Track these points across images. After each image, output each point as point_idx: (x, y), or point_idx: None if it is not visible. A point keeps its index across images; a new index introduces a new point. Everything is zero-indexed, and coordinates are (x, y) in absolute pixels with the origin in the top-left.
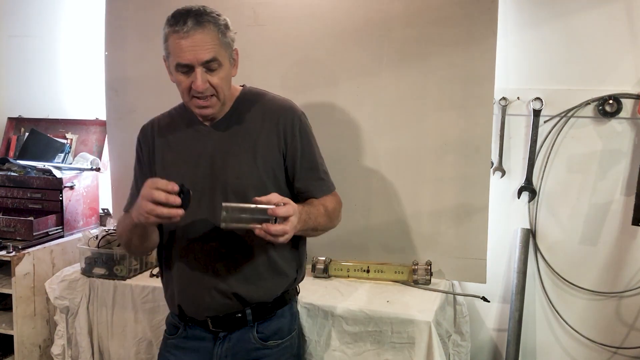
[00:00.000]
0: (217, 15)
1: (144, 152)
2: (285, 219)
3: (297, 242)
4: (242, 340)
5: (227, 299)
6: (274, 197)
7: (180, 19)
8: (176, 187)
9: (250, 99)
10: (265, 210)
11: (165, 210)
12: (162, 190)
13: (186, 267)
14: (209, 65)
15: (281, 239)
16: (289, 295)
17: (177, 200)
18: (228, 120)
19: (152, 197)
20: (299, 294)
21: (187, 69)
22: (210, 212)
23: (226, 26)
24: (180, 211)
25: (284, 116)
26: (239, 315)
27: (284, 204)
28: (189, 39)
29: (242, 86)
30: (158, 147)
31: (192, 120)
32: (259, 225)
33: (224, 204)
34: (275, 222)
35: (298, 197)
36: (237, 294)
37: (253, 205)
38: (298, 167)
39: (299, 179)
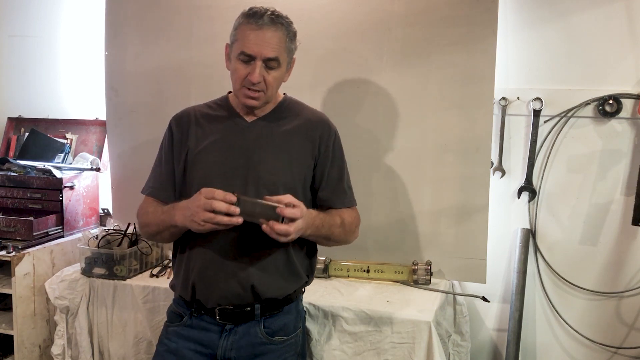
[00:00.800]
0: (290, 22)
1: (175, 138)
2: (291, 220)
3: (312, 252)
4: (248, 334)
5: (242, 290)
6: (287, 197)
7: (258, 13)
8: (234, 198)
9: (291, 106)
10: (275, 208)
11: (226, 219)
12: (222, 201)
13: (207, 251)
14: (269, 63)
15: (283, 239)
16: (295, 294)
17: (237, 210)
18: (268, 119)
19: (212, 207)
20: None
21: (248, 58)
22: None
23: (294, 35)
24: (240, 219)
25: (322, 127)
26: (248, 309)
27: (294, 206)
28: (260, 32)
29: (284, 94)
30: (192, 134)
31: (233, 114)
32: (266, 222)
33: (240, 197)
34: (282, 222)
35: (319, 205)
36: (254, 286)
37: (265, 202)
38: (325, 176)
39: (323, 187)
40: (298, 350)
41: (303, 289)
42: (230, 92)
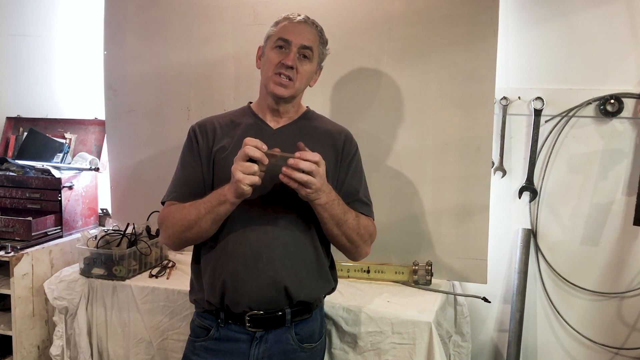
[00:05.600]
0: (322, 29)
1: (200, 144)
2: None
3: (332, 264)
4: (280, 341)
5: (276, 293)
6: (309, 154)
7: (296, 13)
8: (265, 148)
9: (315, 117)
10: (291, 157)
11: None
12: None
13: (239, 253)
14: (304, 52)
15: (303, 192)
16: (320, 299)
17: (265, 159)
18: (293, 127)
19: (247, 153)
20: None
21: (284, 44)
22: (268, 205)
23: (326, 42)
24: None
25: (346, 139)
26: (279, 313)
27: (312, 163)
28: (298, 24)
29: (307, 107)
30: (218, 139)
31: (258, 120)
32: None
33: (266, 151)
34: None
35: None
36: (287, 289)
37: (285, 154)
38: (346, 186)
39: (343, 195)
40: (322, 356)
41: (324, 295)
42: (250, 103)
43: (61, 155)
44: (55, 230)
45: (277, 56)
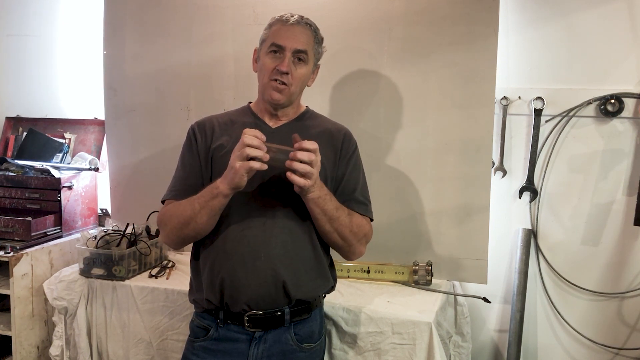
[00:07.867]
0: (317, 28)
1: (199, 143)
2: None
3: (331, 263)
4: (279, 341)
5: (274, 290)
6: (306, 143)
7: (288, 14)
8: (264, 138)
9: (314, 116)
10: (290, 151)
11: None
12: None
13: (237, 251)
14: (298, 55)
15: (302, 182)
16: (320, 299)
17: (264, 149)
18: (291, 126)
19: (245, 142)
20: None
21: (278, 49)
22: (266, 203)
23: (321, 40)
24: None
25: (345, 138)
26: (278, 313)
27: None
28: (290, 27)
29: (306, 106)
30: (217, 138)
31: (257, 120)
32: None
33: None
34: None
35: None
36: (285, 285)
37: (283, 147)
38: (343, 184)
39: (339, 194)
40: (321, 356)
41: (324, 295)
42: (250, 102)
43: (61, 155)
44: (55, 230)
45: (271, 62)
